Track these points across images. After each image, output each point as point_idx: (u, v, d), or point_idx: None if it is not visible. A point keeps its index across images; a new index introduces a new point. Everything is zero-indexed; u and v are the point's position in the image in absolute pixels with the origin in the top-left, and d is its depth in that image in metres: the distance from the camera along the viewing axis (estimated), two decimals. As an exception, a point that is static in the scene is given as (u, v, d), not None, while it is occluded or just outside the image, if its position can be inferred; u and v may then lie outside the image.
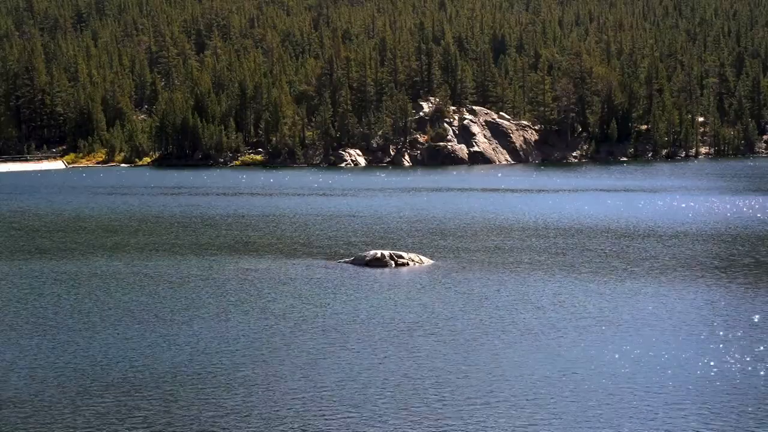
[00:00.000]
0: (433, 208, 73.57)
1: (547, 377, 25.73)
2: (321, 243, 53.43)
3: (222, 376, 26.28)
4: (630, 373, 26.07)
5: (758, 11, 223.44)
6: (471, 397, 24.10)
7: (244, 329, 31.68)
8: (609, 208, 72.14)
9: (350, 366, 27.03)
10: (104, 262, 46.63)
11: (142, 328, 31.90)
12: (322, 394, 24.50)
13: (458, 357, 27.92)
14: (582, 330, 30.99)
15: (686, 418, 22.64)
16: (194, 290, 38.87)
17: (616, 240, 53.42)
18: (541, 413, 22.88)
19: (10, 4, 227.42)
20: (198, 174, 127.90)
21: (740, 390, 24.66)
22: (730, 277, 41.02)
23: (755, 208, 70.35)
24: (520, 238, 55.03)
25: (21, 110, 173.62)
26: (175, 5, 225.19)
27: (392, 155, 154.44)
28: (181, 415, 23.11)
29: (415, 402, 23.84)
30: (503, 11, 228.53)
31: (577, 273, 42.11)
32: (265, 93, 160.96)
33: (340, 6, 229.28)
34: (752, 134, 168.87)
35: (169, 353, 28.68)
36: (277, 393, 24.68)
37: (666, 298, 36.19)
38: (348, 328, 31.63)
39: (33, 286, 40.41)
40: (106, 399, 24.37)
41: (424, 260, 45.48)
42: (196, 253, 49.50)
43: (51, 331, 31.74)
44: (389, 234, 57.19)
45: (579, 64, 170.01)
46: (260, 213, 72.23)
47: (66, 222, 67.33)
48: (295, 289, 38.97)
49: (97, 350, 29.14)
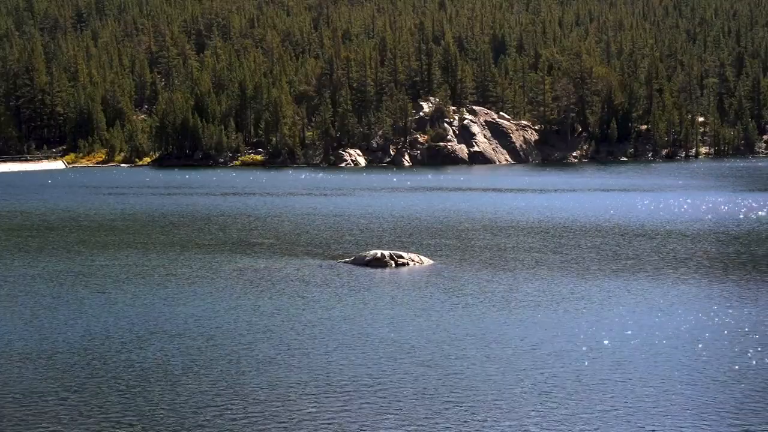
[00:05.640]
0: (433, 208, 73.55)
1: (548, 377, 25.71)
2: (321, 243, 53.39)
3: (221, 375, 26.24)
4: (638, 367, 26.06)
5: (758, 11, 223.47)
6: (471, 397, 24.07)
7: (244, 329, 31.65)
8: (610, 208, 72.12)
9: (349, 366, 27.00)
10: (100, 261, 46.58)
11: (135, 328, 31.86)
12: (321, 394, 24.46)
13: (459, 357, 27.89)
14: (582, 330, 30.96)
15: (686, 417, 22.62)
16: (192, 290, 38.82)
17: (619, 239, 53.39)
18: (542, 413, 22.86)
19: (10, 4, 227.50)
20: (196, 174, 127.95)
21: (740, 389, 24.65)
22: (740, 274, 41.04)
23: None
24: (521, 237, 55.00)
25: (21, 110, 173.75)
26: (175, 5, 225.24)
27: (392, 155, 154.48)
28: (178, 419, 23.07)
29: (414, 402, 23.80)
30: (503, 11, 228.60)
31: (578, 272, 42.08)
32: (265, 93, 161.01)
33: (340, 6, 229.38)
34: (752, 134, 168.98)
35: (165, 353, 28.64)
36: (275, 392, 24.65)
37: (683, 296, 36.17)
38: (347, 328, 31.60)
39: (23, 285, 40.36)
40: (98, 400, 24.35)
41: (425, 260, 45.44)
42: (193, 252, 49.45)
43: (39, 336, 31.68)
44: (389, 234, 57.16)
45: (579, 64, 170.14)
46: (260, 212, 72.20)
47: (66, 222, 67.29)
48: (295, 288, 38.93)
49: (84, 344, 29.13)
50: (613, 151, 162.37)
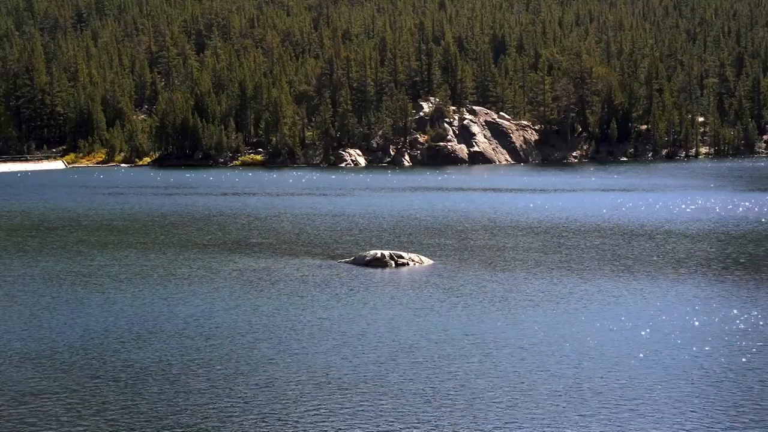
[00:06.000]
0: (433, 208, 73.55)
1: (547, 377, 25.72)
2: (321, 243, 53.39)
3: (220, 375, 26.24)
4: (638, 367, 26.06)
5: (758, 11, 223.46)
6: (470, 398, 24.07)
7: (243, 329, 31.64)
8: (610, 208, 72.10)
9: (349, 366, 27.00)
10: (100, 261, 46.59)
11: (134, 328, 31.87)
12: (321, 394, 24.46)
13: (458, 357, 27.89)
14: (582, 329, 30.96)
15: (686, 417, 22.63)
16: (191, 290, 38.83)
17: (618, 239, 53.38)
18: (541, 414, 22.86)
19: (10, 4, 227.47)
20: (196, 174, 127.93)
21: (740, 389, 24.66)
22: (738, 274, 41.05)
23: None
24: (520, 237, 55.00)
25: (21, 110, 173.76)
26: (175, 5, 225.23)
27: (392, 155, 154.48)
28: (177, 418, 23.07)
29: (414, 401, 23.80)
30: (503, 11, 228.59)
31: (577, 272, 42.08)
32: (265, 93, 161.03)
33: (340, 6, 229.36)
34: (752, 134, 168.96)
35: (164, 352, 28.64)
36: (275, 392, 24.65)
37: (685, 297, 36.18)
38: (347, 328, 31.60)
39: (22, 285, 40.37)
40: (97, 400, 24.35)
41: (424, 260, 45.43)
42: (193, 252, 49.46)
43: (39, 335, 31.69)
44: (389, 234, 57.16)
45: (579, 64, 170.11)
46: (259, 212, 72.20)
47: (66, 222, 67.29)
48: (294, 288, 38.93)
49: (83, 344, 29.14)
50: (613, 151, 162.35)
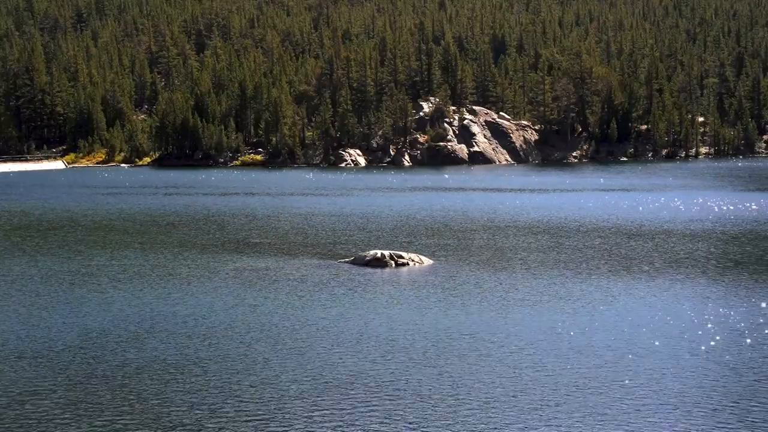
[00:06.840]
0: (433, 208, 73.52)
1: (547, 376, 25.70)
2: (320, 243, 53.38)
3: (219, 374, 26.23)
4: (638, 367, 26.04)
5: (758, 11, 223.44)
6: (469, 397, 24.06)
7: (243, 329, 31.63)
8: (610, 207, 72.09)
9: (348, 366, 26.99)
10: (99, 261, 46.58)
11: (133, 327, 31.85)
12: (320, 393, 24.44)
13: (458, 356, 27.88)
14: (581, 329, 30.95)
15: (685, 416, 22.61)
16: (191, 289, 38.82)
17: (618, 239, 53.36)
18: (541, 414, 22.85)
19: (10, 4, 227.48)
20: (196, 174, 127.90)
21: (739, 388, 24.64)
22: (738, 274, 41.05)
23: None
24: (520, 237, 54.99)
25: (21, 110, 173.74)
26: (175, 5, 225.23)
27: (392, 155, 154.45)
28: (177, 417, 23.06)
29: (413, 401, 23.78)
30: (503, 11, 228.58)
31: (577, 272, 42.06)
32: (265, 93, 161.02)
33: (340, 6, 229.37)
34: (752, 134, 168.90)
35: (163, 352, 28.62)
36: (275, 392, 24.63)
37: (682, 297, 36.16)
38: (346, 328, 31.59)
39: (21, 285, 40.36)
40: (95, 399, 24.33)
41: (424, 260, 45.43)
42: (192, 252, 49.44)
43: (37, 335, 31.67)
44: (389, 234, 57.14)
45: (579, 64, 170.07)
46: (259, 212, 72.18)
47: (65, 222, 67.28)
48: (294, 288, 38.92)
49: (82, 343, 29.13)
50: (613, 151, 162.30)
